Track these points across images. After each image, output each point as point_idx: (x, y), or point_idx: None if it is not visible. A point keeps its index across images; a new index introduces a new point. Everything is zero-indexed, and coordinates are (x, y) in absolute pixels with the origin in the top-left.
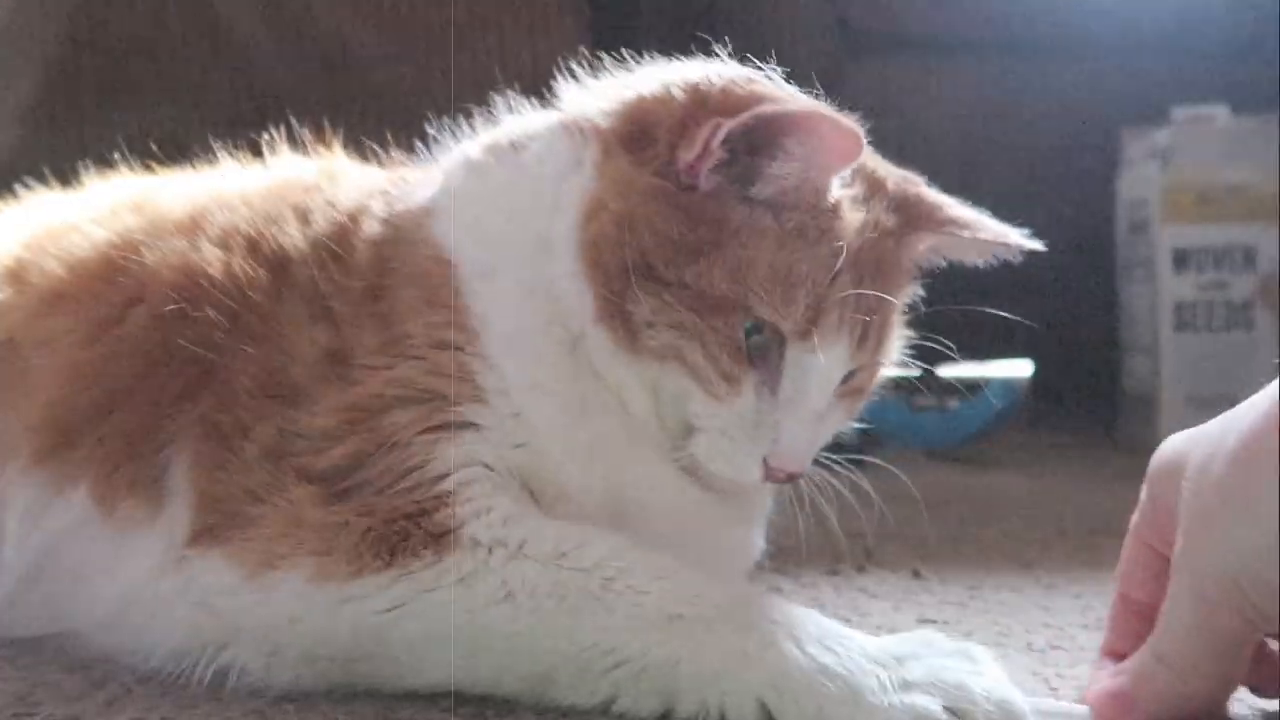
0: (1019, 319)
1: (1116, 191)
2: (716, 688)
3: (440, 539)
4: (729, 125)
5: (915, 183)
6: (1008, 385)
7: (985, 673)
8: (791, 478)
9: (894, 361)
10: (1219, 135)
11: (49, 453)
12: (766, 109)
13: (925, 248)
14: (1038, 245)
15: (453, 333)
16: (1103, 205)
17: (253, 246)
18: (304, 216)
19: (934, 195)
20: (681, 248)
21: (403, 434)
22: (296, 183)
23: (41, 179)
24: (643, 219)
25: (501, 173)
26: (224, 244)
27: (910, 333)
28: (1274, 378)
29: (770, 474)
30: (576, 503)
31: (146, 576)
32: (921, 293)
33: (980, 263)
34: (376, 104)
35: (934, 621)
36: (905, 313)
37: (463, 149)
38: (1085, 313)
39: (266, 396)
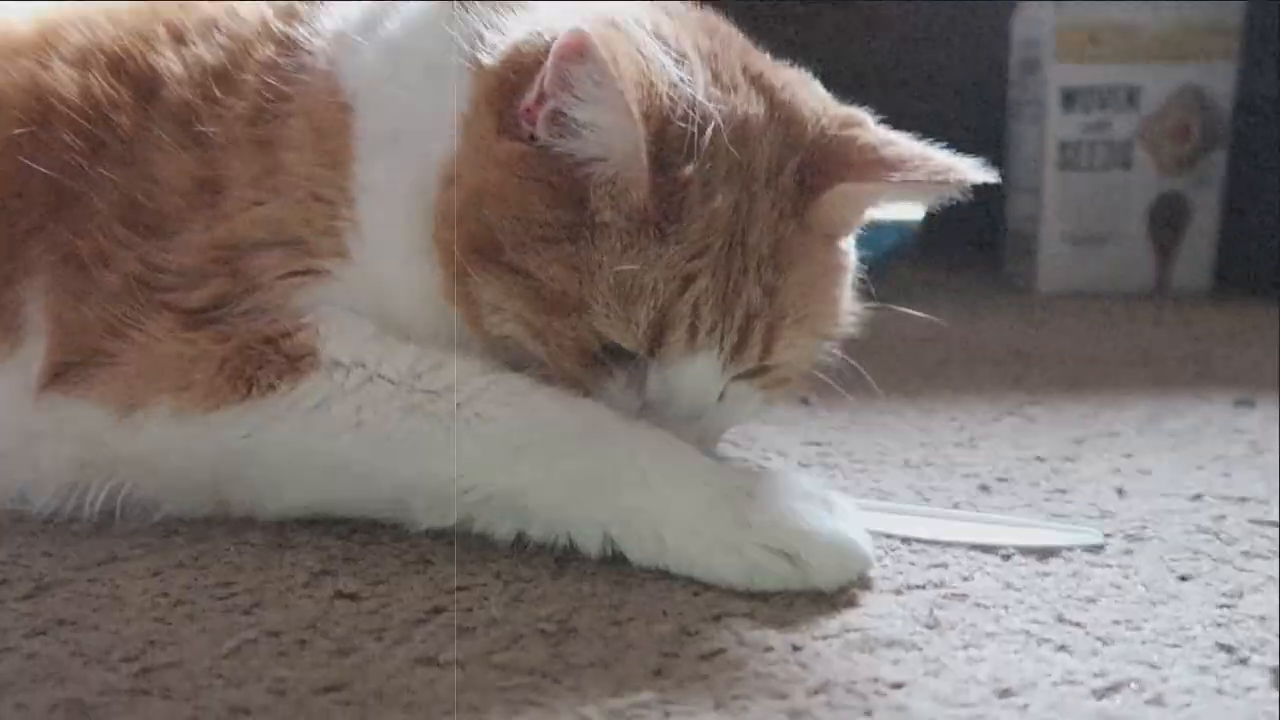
0: None
1: (1011, 31)
2: (562, 516)
3: (299, 362)
4: (550, 66)
5: (852, 124)
6: (899, 224)
7: (836, 519)
8: None
9: (819, 349)
10: None
11: None
12: (554, 40)
13: (842, 199)
14: (988, 177)
15: (333, 190)
16: (998, 46)
17: (115, 65)
18: (178, 35)
19: (870, 137)
20: (532, 228)
21: (266, 276)
22: (164, 6)
23: None
24: (496, 194)
25: (411, 59)
26: (81, 63)
27: (858, 305)
28: (1147, 217)
29: None
30: None
31: (5, 415)
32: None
33: (925, 203)
34: None
35: (819, 444)
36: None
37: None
38: (977, 153)
39: (128, 225)
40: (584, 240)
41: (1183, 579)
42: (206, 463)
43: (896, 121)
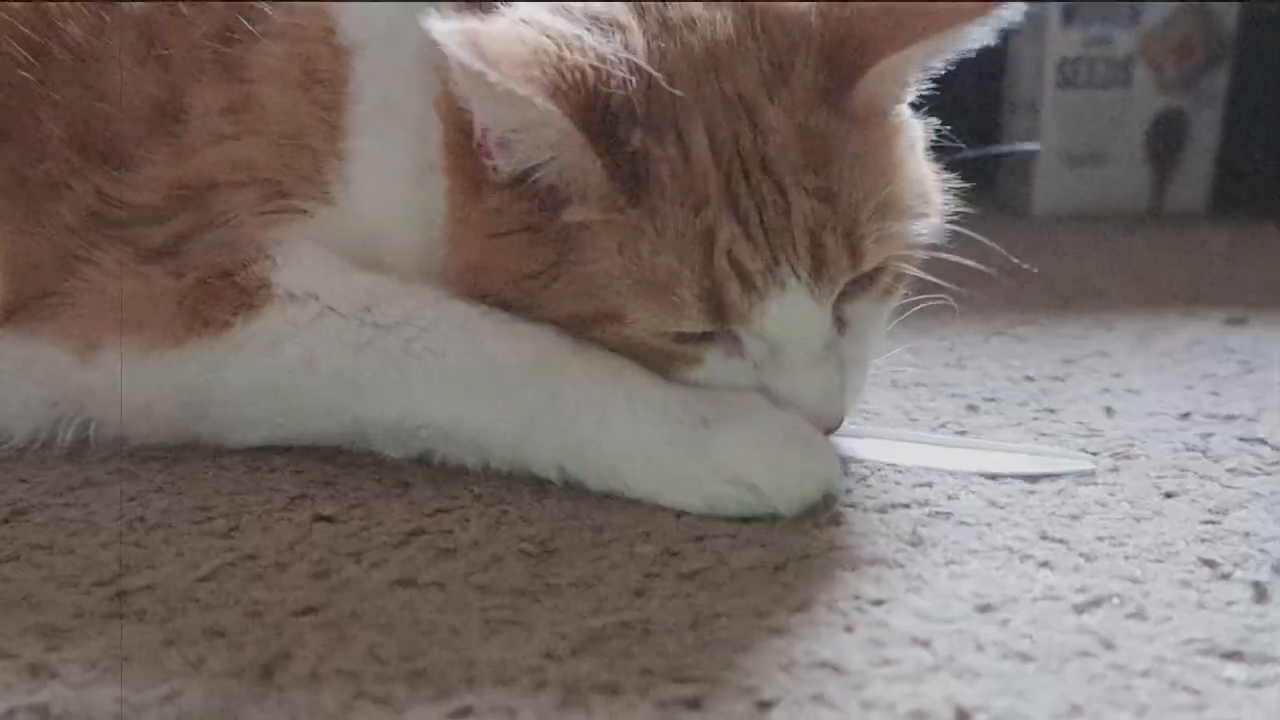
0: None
1: None
2: (518, 452)
3: (253, 296)
4: (465, 88)
5: (849, 2)
6: None
7: (799, 447)
8: (829, 431)
9: (920, 228)
10: None
11: None
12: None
13: (889, 73)
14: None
15: (323, 141)
16: None
17: None
18: None
19: (876, 6)
20: (531, 279)
21: (235, 214)
22: None
23: None
24: (490, 264)
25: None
26: None
27: (936, 169)
28: (1145, 136)
29: None
30: None
31: None
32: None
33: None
34: None
35: None
36: (928, 144)
37: None
38: (974, 72)
39: (82, 151)
40: (575, 260)
41: (1168, 496)
42: (169, 400)
43: None
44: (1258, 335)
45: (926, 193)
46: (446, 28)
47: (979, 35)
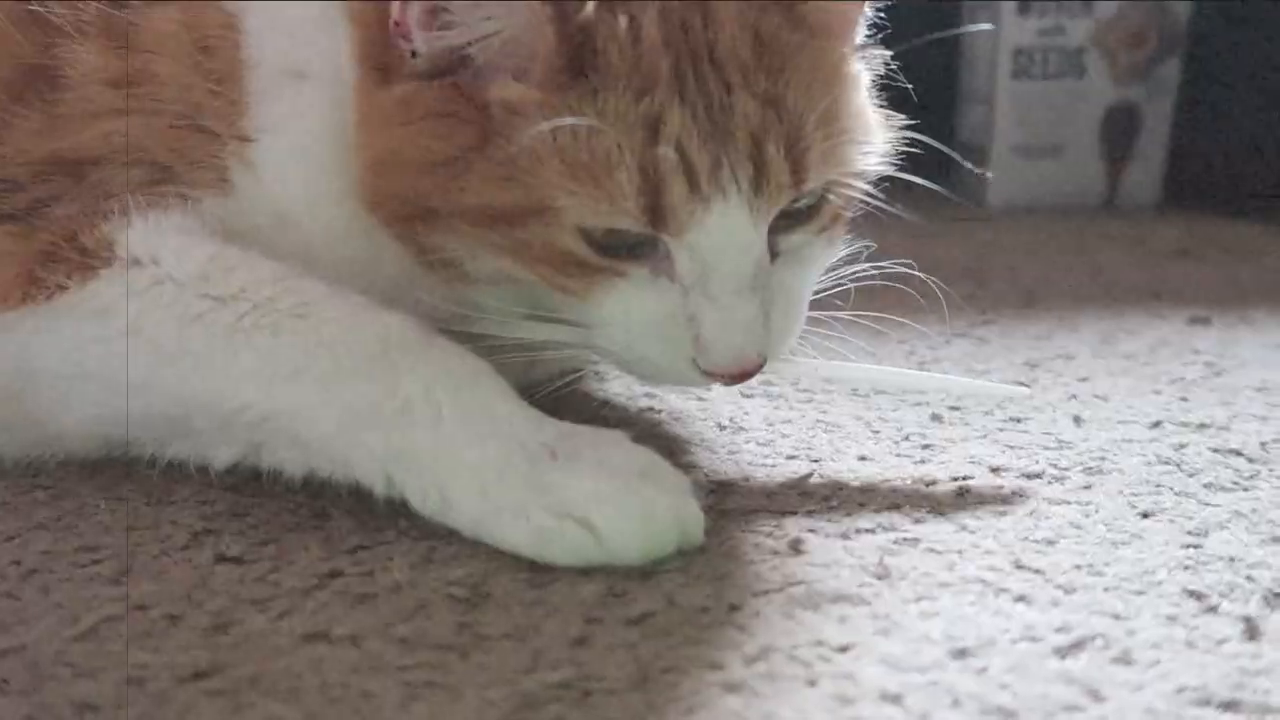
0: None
1: None
2: (340, 450)
3: (94, 258)
4: None
5: None
6: None
7: (651, 486)
8: (741, 378)
9: (867, 161)
10: None
11: None
12: None
13: None
14: None
15: (219, 122)
16: None
17: None
18: None
19: None
20: (444, 167)
21: (112, 188)
22: None
23: None
24: (400, 153)
25: None
26: None
27: (885, 114)
28: (1098, 128)
29: (713, 379)
30: None
31: None
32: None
33: None
34: None
35: (762, 373)
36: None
37: None
38: (929, 62)
39: None
40: (502, 141)
41: (1144, 515)
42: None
43: None
44: (1222, 336)
45: (869, 125)
46: None
47: None
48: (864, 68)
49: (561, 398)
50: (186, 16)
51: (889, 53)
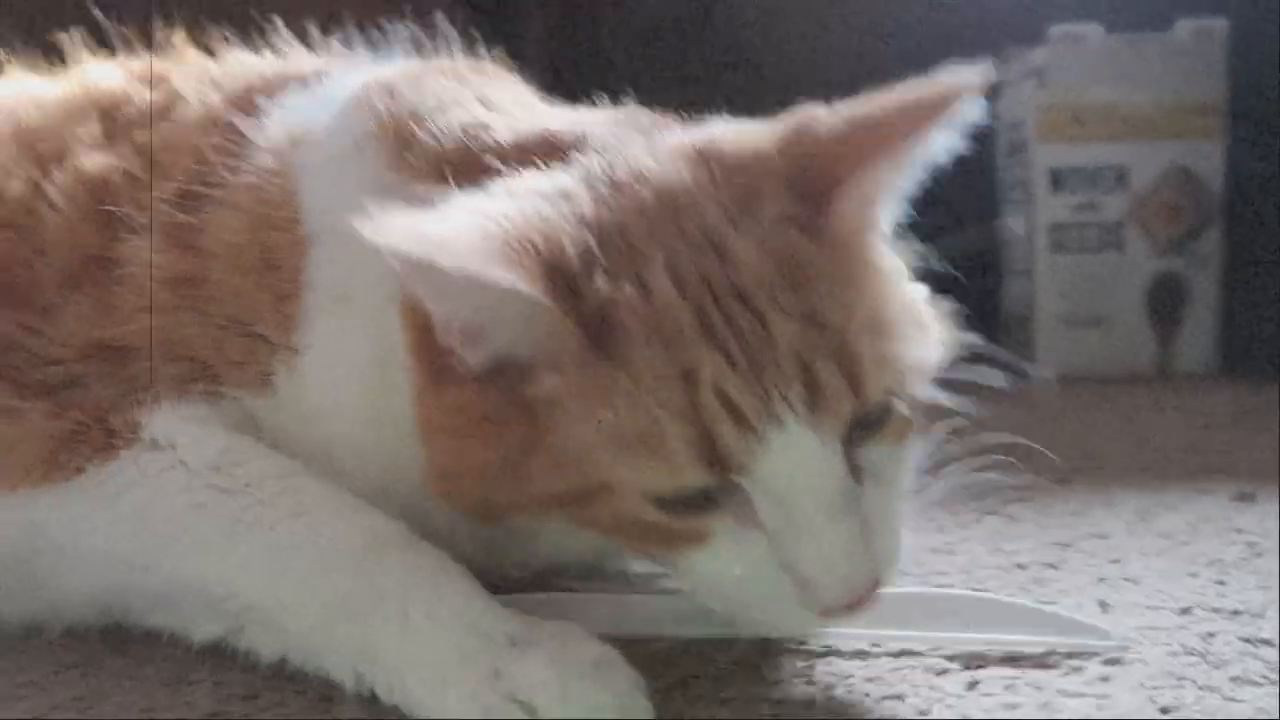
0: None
1: (997, 113)
2: (315, 642)
3: (115, 438)
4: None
5: (807, 125)
6: None
7: (601, 682)
8: (859, 605)
9: (927, 353)
10: (1092, 54)
11: None
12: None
13: (863, 188)
14: (987, 75)
15: (273, 330)
16: (986, 127)
17: (24, 143)
18: (110, 117)
19: (838, 124)
20: (506, 468)
21: (149, 380)
22: (103, 90)
23: None
24: (461, 460)
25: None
26: None
27: (916, 287)
28: (1144, 297)
29: (829, 618)
30: None
31: None
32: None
33: (953, 146)
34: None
35: None
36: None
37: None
38: (970, 236)
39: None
40: (548, 435)
41: (1164, 711)
42: (4, 549)
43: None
44: (1266, 513)
45: (919, 314)
46: (393, 228)
47: (943, 141)
48: (901, 259)
49: None
50: (258, 234)
51: (919, 242)
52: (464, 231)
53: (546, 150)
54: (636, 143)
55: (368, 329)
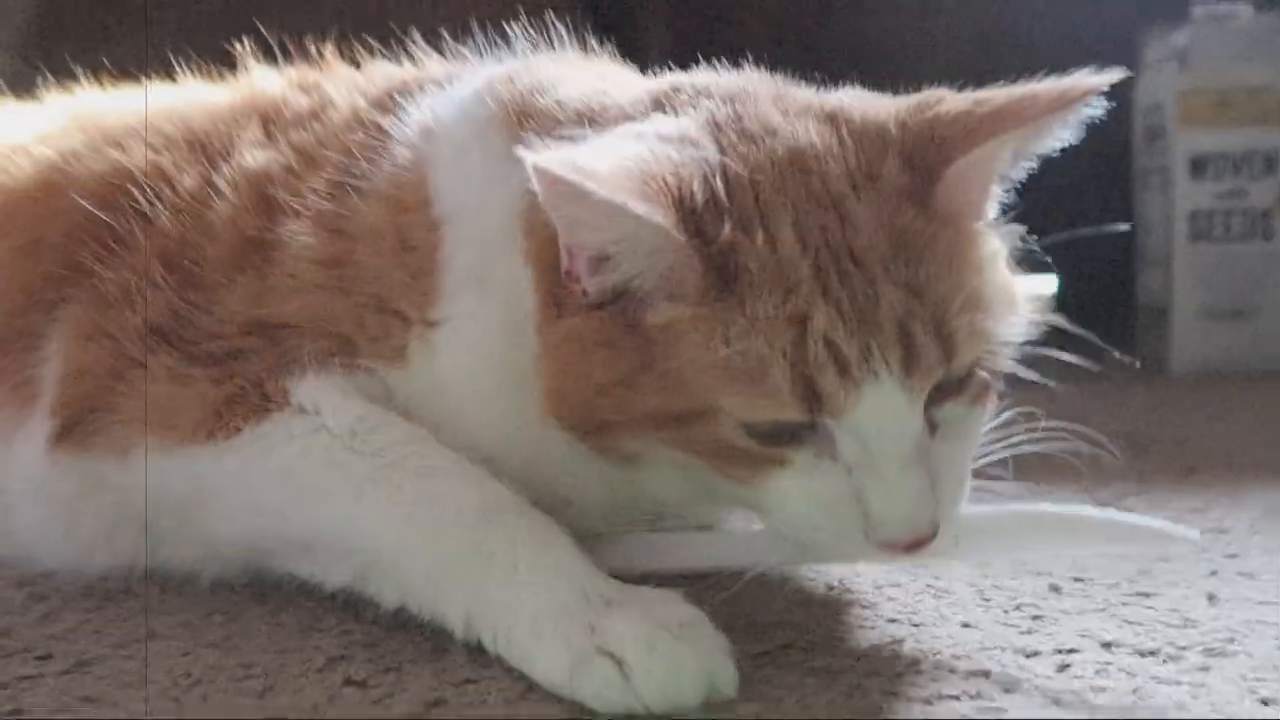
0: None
1: (1134, 96)
2: (433, 592)
3: (268, 403)
4: (552, 215)
5: (931, 104)
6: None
7: (688, 642)
8: (918, 546)
9: (1012, 333)
10: (1240, 34)
11: None
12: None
13: (971, 168)
14: (1115, 76)
15: (409, 307)
16: (1122, 111)
17: (194, 145)
18: (269, 120)
19: (960, 104)
20: (619, 388)
21: (299, 352)
22: (265, 96)
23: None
24: (575, 381)
25: (500, 181)
26: (167, 147)
27: (1018, 272)
28: None
29: (885, 553)
30: None
31: (36, 481)
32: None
33: (1069, 140)
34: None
35: None
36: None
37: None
38: (1103, 225)
39: (164, 264)
40: (664, 357)
41: (1263, 703)
42: (169, 494)
43: (1018, 191)
44: None
45: (1012, 296)
46: (546, 155)
47: (1061, 135)
48: (1001, 243)
49: None
50: (397, 218)
51: (1023, 228)
52: (611, 165)
53: (669, 102)
54: (764, 97)
55: (501, 303)
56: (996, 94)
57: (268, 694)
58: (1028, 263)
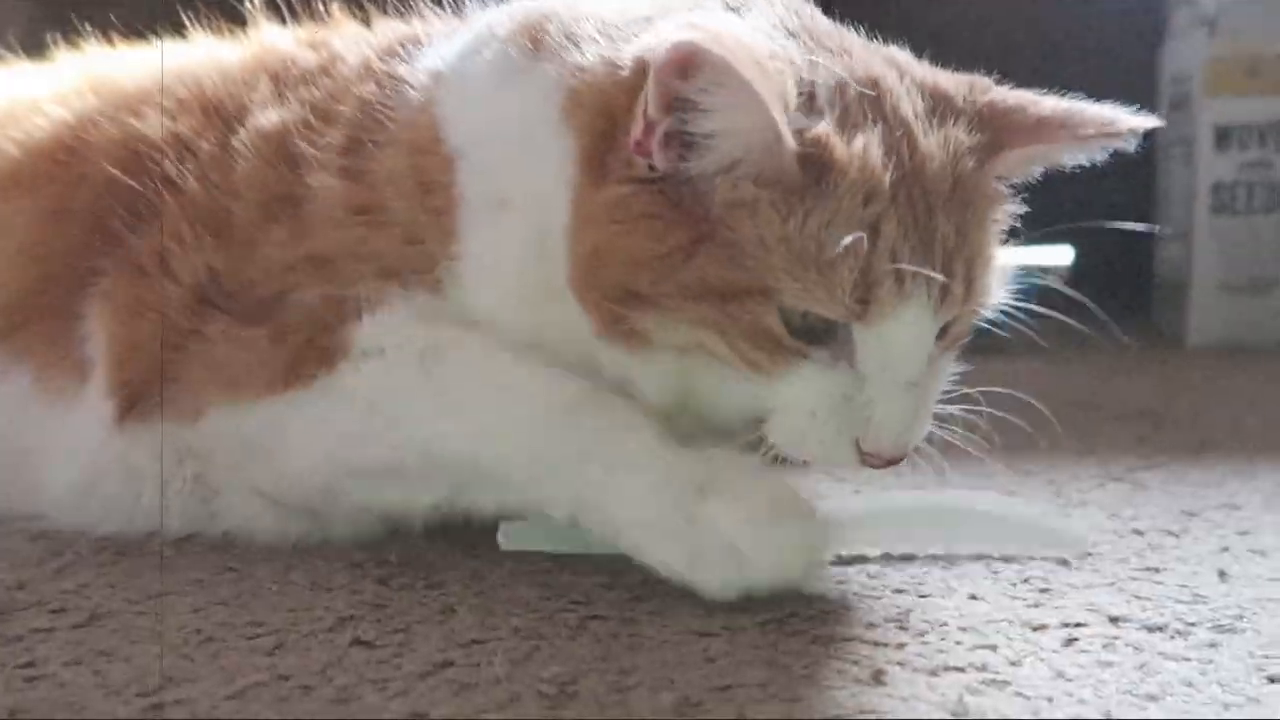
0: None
1: (1160, 64)
2: (536, 488)
3: (334, 353)
4: (652, 88)
5: (985, 89)
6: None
7: (793, 523)
8: (891, 463)
9: (993, 301)
10: (1269, 2)
11: (4, 335)
12: (648, 55)
13: (1016, 161)
14: (1154, 122)
15: (435, 244)
16: (1148, 80)
17: (208, 109)
18: (279, 80)
19: (1013, 98)
20: (666, 259)
21: (347, 277)
22: (274, 54)
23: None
24: (615, 248)
25: (505, 119)
26: (183, 113)
27: (1006, 265)
28: None
29: (866, 460)
30: None
31: (97, 450)
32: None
33: (1085, 161)
34: None
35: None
36: (1002, 239)
37: (487, 28)
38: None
39: (196, 228)
40: (726, 228)
41: (1271, 680)
42: (247, 443)
43: None
44: None
45: (1004, 273)
46: (692, 28)
47: (1088, 154)
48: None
49: None
50: (414, 160)
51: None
52: (745, 47)
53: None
54: (825, 22)
55: (524, 222)
56: (1044, 100)
57: (277, 652)
58: (1045, 233)
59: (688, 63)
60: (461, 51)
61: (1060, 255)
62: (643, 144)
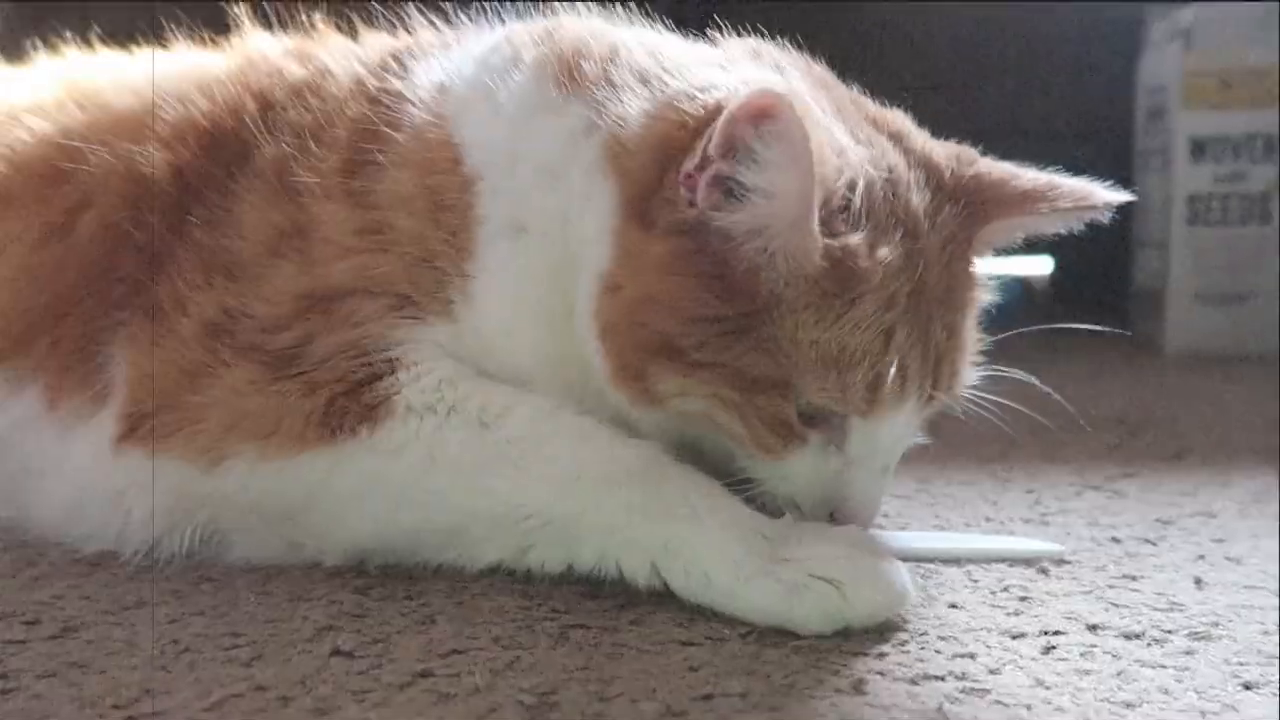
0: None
1: (1137, 76)
2: (613, 543)
3: (376, 409)
4: (721, 127)
5: (971, 160)
6: (1004, 284)
7: (874, 555)
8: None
9: (968, 383)
10: (1245, 14)
11: (3, 357)
12: (726, 99)
13: (999, 231)
14: (1126, 197)
15: (448, 262)
16: (1125, 92)
17: (207, 143)
18: (267, 104)
19: (996, 171)
20: (709, 326)
21: (361, 317)
22: (261, 67)
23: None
24: (662, 301)
25: (535, 151)
26: (176, 141)
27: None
28: None
29: (833, 521)
30: None
31: (91, 470)
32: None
33: (1063, 230)
34: None
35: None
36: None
37: (505, 39)
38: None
39: (207, 270)
40: (769, 321)
41: (1246, 687)
42: (283, 499)
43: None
44: None
45: (976, 350)
46: (784, 88)
47: (1064, 225)
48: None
49: None
50: (428, 179)
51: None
52: (810, 108)
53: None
54: (847, 93)
55: (541, 247)
56: (1024, 173)
57: (255, 663)
58: (1024, 243)
59: (767, 112)
60: (476, 68)
61: (1040, 265)
62: (693, 178)
